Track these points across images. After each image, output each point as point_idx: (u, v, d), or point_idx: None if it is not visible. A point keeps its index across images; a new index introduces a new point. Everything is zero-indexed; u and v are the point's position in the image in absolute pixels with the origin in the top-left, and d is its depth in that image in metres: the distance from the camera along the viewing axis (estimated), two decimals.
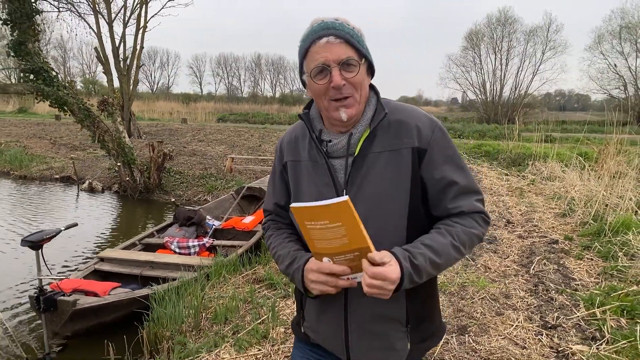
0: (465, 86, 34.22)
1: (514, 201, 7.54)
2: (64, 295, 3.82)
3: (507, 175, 10.02)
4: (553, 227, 5.94)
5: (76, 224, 4.03)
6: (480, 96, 33.47)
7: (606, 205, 5.98)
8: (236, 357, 2.91)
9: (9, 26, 9.36)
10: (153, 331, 3.62)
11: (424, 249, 1.18)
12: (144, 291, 4.20)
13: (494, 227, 6.04)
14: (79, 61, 48.27)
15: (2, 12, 9.82)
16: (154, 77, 55.08)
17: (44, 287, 3.74)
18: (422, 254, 1.17)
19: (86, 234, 7.34)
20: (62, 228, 3.84)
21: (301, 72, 1.30)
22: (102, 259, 5.15)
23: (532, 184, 8.84)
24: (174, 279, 4.42)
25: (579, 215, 6.09)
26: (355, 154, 1.27)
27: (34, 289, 3.72)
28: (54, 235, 3.71)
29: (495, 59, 32.44)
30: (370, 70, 1.29)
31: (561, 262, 4.65)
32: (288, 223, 1.48)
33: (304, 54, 1.24)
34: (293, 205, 1.13)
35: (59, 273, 5.74)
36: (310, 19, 1.26)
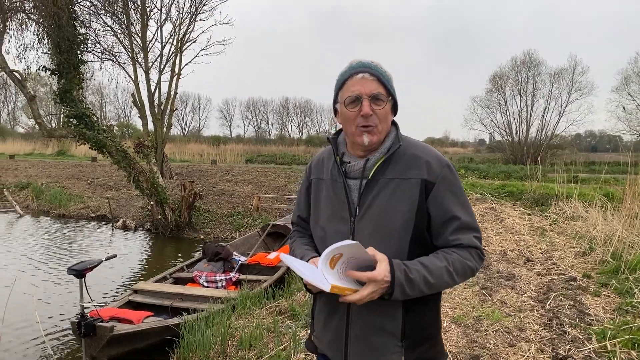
0: (491, 127, 34.30)
1: (534, 240, 7.61)
2: (102, 321, 4.13)
3: (529, 215, 10.05)
4: (572, 265, 6.00)
5: (115, 255, 4.40)
6: (506, 137, 33.45)
7: (625, 244, 6.02)
8: None
9: (57, 76, 10.19)
10: (183, 356, 3.87)
11: (420, 267, 1.33)
12: (175, 320, 4.49)
13: (513, 264, 6.14)
14: (115, 106, 50.50)
15: (51, 63, 10.73)
16: (186, 121, 57.08)
17: (85, 314, 4.08)
18: (418, 271, 1.31)
19: (120, 268, 7.74)
20: (103, 259, 4.20)
21: (335, 101, 1.52)
22: (135, 291, 5.49)
23: (555, 224, 8.87)
24: (202, 310, 4.69)
25: (598, 254, 6.14)
26: (369, 177, 1.44)
27: (76, 315, 4.05)
28: (96, 265, 4.06)
29: (521, 100, 32.57)
30: (394, 109, 1.50)
31: (578, 299, 4.73)
32: (310, 234, 1.66)
33: (340, 85, 1.47)
34: (282, 257, 1.40)
35: (95, 303, 6.09)
36: (336, 64, 1.58)
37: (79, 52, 10.34)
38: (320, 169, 1.61)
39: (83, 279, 4.01)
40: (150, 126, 18.00)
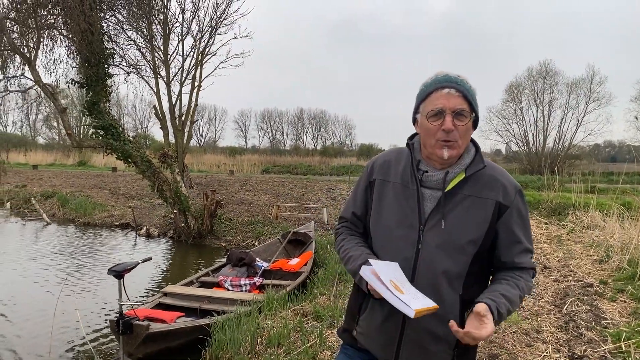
0: (507, 138, 34.21)
1: (552, 248, 7.71)
2: (138, 320, 4.39)
3: (546, 224, 10.14)
4: (589, 273, 6.11)
5: (150, 258, 4.66)
6: (523, 148, 33.32)
7: None
8: None
9: (85, 89, 10.64)
10: (214, 354, 4.10)
11: (504, 300, 1.39)
12: (205, 320, 4.72)
13: None
14: (132, 117, 51.46)
15: (80, 76, 11.20)
16: (202, 132, 57.89)
17: (123, 312, 4.33)
18: (505, 305, 1.39)
19: (146, 273, 8.03)
20: (140, 261, 4.46)
21: (416, 111, 1.54)
22: (165, 294, 5.75)
23: (572, 233, 8.95)
24: (230, 312, 4.92)
25: (614, 262, 6.23)
26: (448, 190, 1.48)
27: (114, 314, 4.32)
28: (134, 267, 4.32)
29: (537, 110, 32.47)
30: (475, 124, 1.51)
31: (594, 304, 4.85)
32: (361, 232, 1.69)
33: (424, 97, 1.48)
34: (370, 282, 1.37)
35: (109, 311, 6.39)
36: (350, 74, 1.67)
37: (106, 65, 10.80)
38: (386, 171, 1.61)
39: (122, 280, 4.27)
40: (171, 137, 18.46)
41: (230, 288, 6.23)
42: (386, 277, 1.34)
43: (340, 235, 1.71)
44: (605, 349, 3.71)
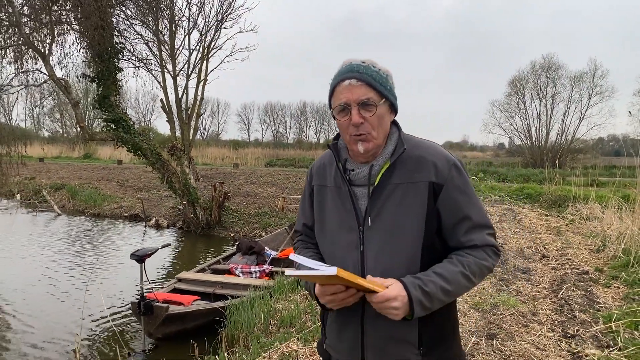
0: (510, 131, 34.35)
1: (551, 238, 7.95)
2: (158, 302, 4.67)
3: (546, 215, 10.37)
4: (586, 261, 6.36)
5: (169, 244, 4.95)
6: (525, 141, 33.46)
7: (637, 240, 6.35)
8: (302, 348, 3.61)
9: (96, 83, 10.89)
10: (230, 333, 4.38)
11: (435, 277, 1.28)
12: (220, 303, 5.01)
13: (529, 260, 6.51)
14: (136, 110, 51.61)
15: (90, 70, 11.44)
16: (205, 125, 58.11)
17: (144, 295, 4.62)
18: (433, 282, 1.27)
19: (157, 261, 8.33)
20: (159, 247, 4.75)
21: (330, 107, 1.42)
22: (179, 280, 6.03)
23: (571, 224, 9.19)
24: (242, 296, 5.20)
25: (610, 251, 6.48)
26: (375, 184, 1.37)
27: (134, 296, 4.61)
28: (154, 252, 4.62)
29: (540, 104, 32.55)
30: (392, 108, 1.41)
31: (589, 289, 5.10)
32: (315, 243, 1.57)
33: (331, 92, 1.39)
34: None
35: (127, 296, 6.71)
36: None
37: (116, 60, 11.04)
38: (322, 175, 1.53)
39: (143, 264, 4.57)
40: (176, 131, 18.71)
41: (240, 275, 6.51)
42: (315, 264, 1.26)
43: (296, 250, 1.62)
44: (596, 329, 3.96)
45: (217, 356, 3.79)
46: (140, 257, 4.45)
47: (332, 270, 1.12)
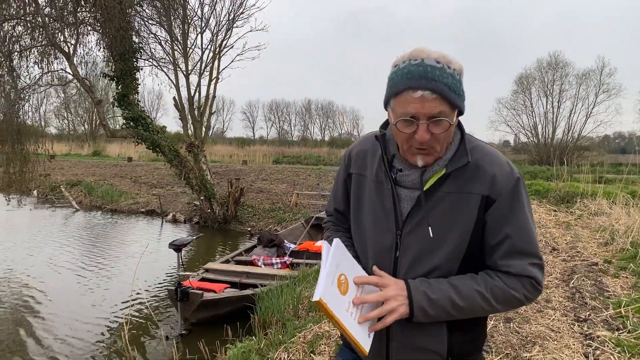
0: (517, 129, 34.49)
1: (560, 233, 8.22)
2: (193, 289, 4.98)
3: (555, 211, 10.63)
4: (595, 254, 6.62)
5: (202, 235, 5.26)
6: (532, 139, 33.60)
7: None
8: (334, 329, 3.91)
9: (115, 82, 11.22)
10: (262, 318, 4.69)
11: (447, 286, 1.20)
12: (249, 291, 5.32)
13: (540, 252, 6.78)
14: (142, 107, 51.85)
15: (110, 70, 11.76)
16: (209, 122, 58.35)
17: (180, 282, 4.93)
18: (443, 290, 1.19)
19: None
20: (194, 237, 5.07)
21: (386, 103, 1.24)
22: (206, 270, 6.35)
23: (579, 219, 9.44)
24: (267, 285, 5.50)
25: (618, 243, 6.74)
26: (424, 189, 1.23)
27: (172, 284, 4.92)
28: (190, 242, 4.93)
29: (547, 101, 32.67)
30: (460, 113, 1.23)
31: (598, 279, 5.38)
32: (347, 227, 1.48)
33: (394, 93, 1.18)
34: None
35: (158, 283, 7.04)
36: (358, 65, 1.41)
37: (134, 59, 11.36)
38: (362, 163, 1.39)
39: (180, 253, 4.88)
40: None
41: (262, 266, 6.82)
42: (336, 266, 1.19)
43: (326, 232, 1.54)
44: (606, 314, 4.24)
45: (254, 337, 4.09)
46: (177, 246, 4.77)
47: (315, 296, 1.10)
